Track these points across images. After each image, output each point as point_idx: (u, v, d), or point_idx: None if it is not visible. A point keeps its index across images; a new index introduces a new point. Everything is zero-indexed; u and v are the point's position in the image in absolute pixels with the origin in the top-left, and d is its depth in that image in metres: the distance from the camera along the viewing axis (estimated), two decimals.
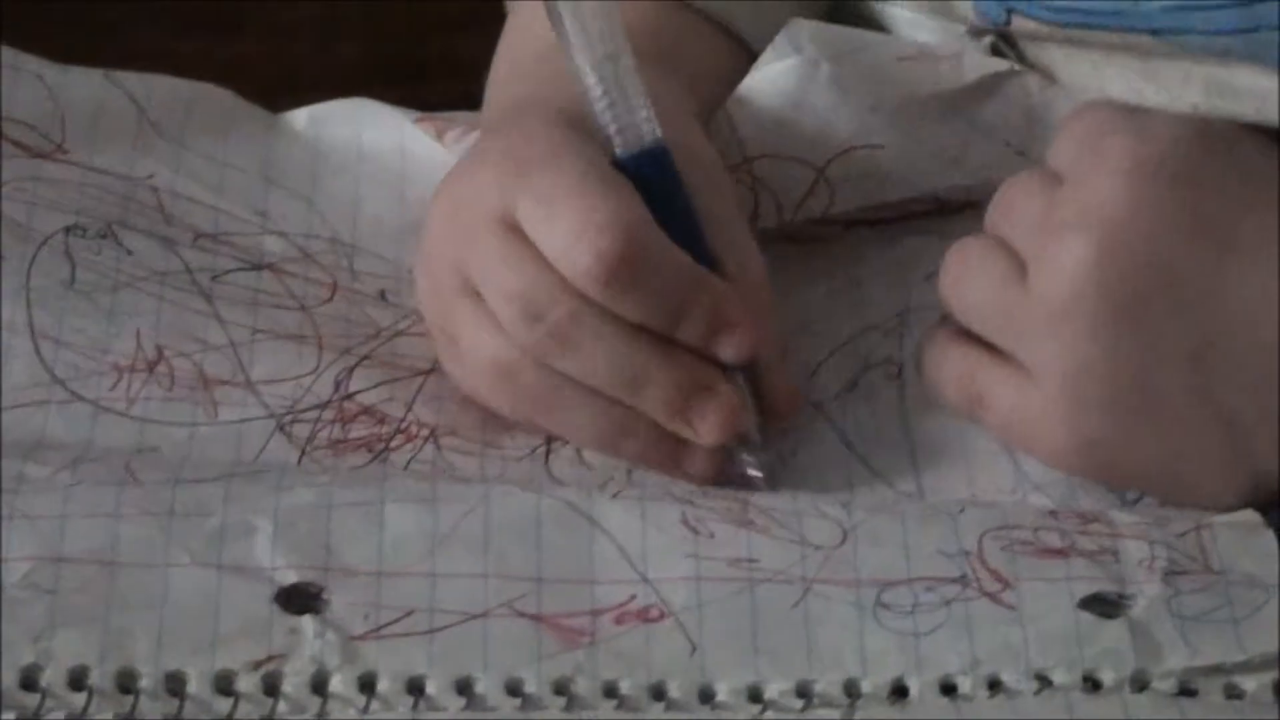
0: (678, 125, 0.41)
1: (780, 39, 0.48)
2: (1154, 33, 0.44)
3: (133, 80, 0.52)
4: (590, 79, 0.40)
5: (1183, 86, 0.45)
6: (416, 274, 0.43)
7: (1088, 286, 0.37)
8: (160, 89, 0.52)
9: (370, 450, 0.40)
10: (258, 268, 0.46)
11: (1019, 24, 0.47)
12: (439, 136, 0.50)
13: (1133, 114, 0.39)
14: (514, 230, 0.39)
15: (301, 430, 0.40)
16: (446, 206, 0.41)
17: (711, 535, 0.37)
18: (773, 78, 0.48)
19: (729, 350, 0.40)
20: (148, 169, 0.49)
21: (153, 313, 0.44)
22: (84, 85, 0.51)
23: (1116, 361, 0.37)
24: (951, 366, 0.40)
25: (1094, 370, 0.38)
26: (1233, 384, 0.37)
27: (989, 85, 0.49)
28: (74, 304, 0.44)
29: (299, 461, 0.39)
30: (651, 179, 0.40)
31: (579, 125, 0.40)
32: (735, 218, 0.43)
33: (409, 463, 0.40)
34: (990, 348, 0.39)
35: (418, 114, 0.51)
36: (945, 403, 0.41)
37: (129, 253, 0.46)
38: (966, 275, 0.39)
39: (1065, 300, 0.37)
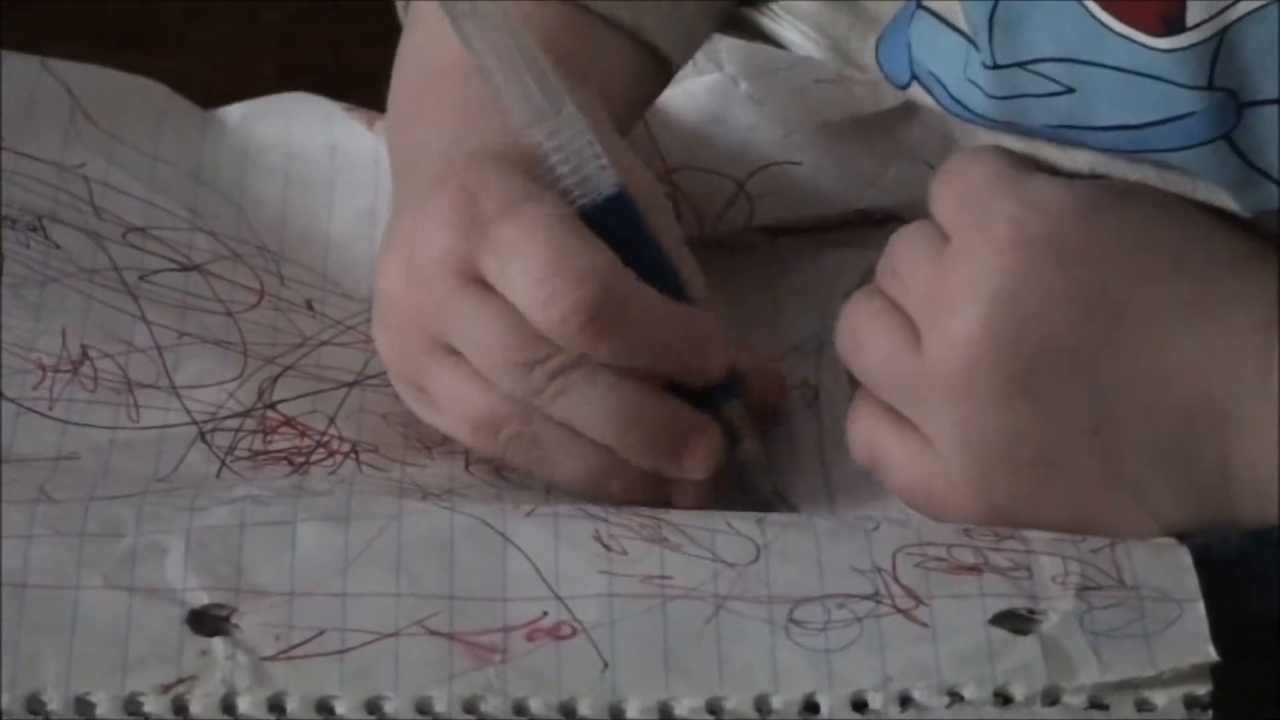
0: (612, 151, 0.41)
1: (701, 55, 0.48)
2: (1047, 139, 0.43)
3: (68, 69, 0.52)
4: (537, 135, 0.40)
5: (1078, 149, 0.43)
6: (375, 331, 0.42)
7: (981, 360, 0.37)
8: (95, 79, 0.52)
9: (291, 464, 0.40)
10: (186, 269, 0.46)
11: (916, 93, 0.45)
12: (369, 126, 0.51)
13: (1018, 174, 0.39)
14: (481, 285, 0.39)
15: (223, 439, 0.41)
16: (399, 264, 0.41)
17: (624, 552, 0.37)
18: (693, 92, 0.48)
19: (711, 377, 0.41)
20: (80, 157, 0.49)
21: (80, 310, 0.44)
22: (19, 70, 0.51)
23: (1016, 433, 0.38)
24: (858, 422, 0.40)
25: (994, 442, 0.38)
26: (1136, 455, 0.37)
27: (906, 109, 0.48)
28: (2, 298, 0.44)
29: (219, 473, 0.40)
30: (616, 225, 0.40)
31: (530, 170, 0.40)
32: (679, 235, 0.43)
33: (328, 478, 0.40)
34: (893, 408, 0.39)
35: (348, 105, 0.51)
36: (854, 456, 0.41)
37: (57, 247, 0.45)
38: (863, 339, 0.40)
39: (960, 373, 0.37)
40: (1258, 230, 0.40)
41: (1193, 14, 0.37)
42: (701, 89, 0.48)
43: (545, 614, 0.35)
